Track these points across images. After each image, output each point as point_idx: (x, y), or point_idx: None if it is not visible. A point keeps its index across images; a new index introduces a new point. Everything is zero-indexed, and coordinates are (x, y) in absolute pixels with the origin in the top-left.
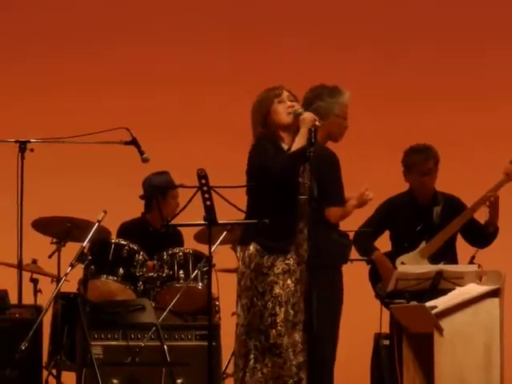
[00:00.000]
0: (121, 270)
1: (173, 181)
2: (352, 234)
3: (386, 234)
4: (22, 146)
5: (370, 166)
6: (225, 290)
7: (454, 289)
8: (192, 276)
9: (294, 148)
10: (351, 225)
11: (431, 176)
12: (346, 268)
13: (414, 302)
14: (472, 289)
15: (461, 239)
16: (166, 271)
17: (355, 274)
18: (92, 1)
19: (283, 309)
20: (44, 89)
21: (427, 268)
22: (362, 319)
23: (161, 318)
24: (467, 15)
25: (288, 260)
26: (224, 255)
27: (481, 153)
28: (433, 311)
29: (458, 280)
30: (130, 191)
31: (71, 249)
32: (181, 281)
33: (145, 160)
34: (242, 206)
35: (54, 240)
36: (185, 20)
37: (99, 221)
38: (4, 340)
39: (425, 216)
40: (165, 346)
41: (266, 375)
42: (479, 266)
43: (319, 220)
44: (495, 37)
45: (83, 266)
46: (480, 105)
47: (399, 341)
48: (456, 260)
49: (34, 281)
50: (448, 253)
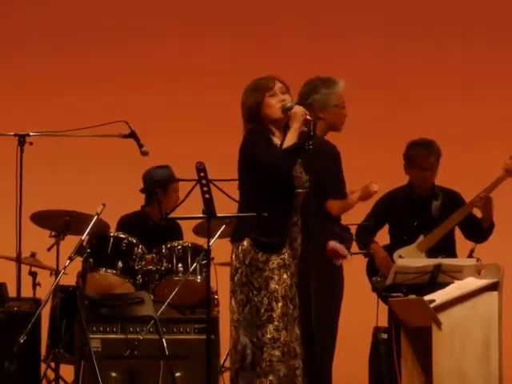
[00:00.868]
0: (120, 264)
1: (174, 174)
2: (354, 228)
3: (386, 228)
4: (21, 140)
5: (370, 159)
6: (223, 284)
7: (453, 282)
8: (191, 269)
9: (287, 144)
10: (354, 218)
11: (432, 171)
12: (345, 261)
13: (413, 296)
14: (471, 282)
15: (460, 233)
16: (165, 264)
17: (354, 268)
18: None
19: (280, 304)
20: (43, 83)
21: (426, 261)
22: (361, 313)
23: (159, 312)
24: (469, 7)
25: (283, 254)
26: (223, 248)
27: (481, 146)
28: (431, 305)
29: (457, 274)
30: (130, 184)
31: (70, 242)
32: (179, 274)
33: (144, 153)
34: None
35: (53, 233)
36: (184, 15)
37: (98, 214)
38: (2, 333)
39: (423, 210)
40: (163, 340)
41: (264, 369)
42: (478, 260)
43: (320, 213)
44: (498, 28)
45: (82, 259)
46: (481, 97)
47: (397, 335)
48: (455, 253)
49: (33, 274)
50: (446, 246)
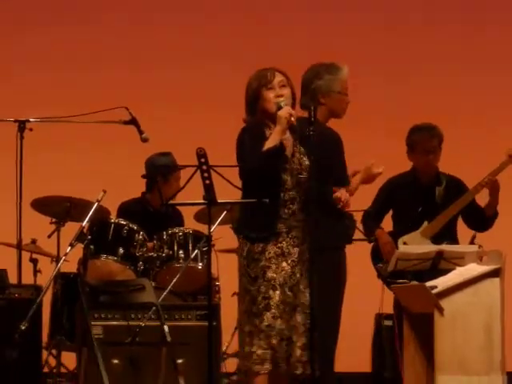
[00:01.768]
0: (120, 250)
1: (175, 162)
2: (356, 215)
3: (389, 215)
4: (21, 126)
5: (372, 143)
6: (224, 270)
7: (455, 269)
8: (192, 256)
9: (267, 146)
10: (357, 205)
11: (435, 154)
12: (349, 248)
13: (415, 282)
14: (472, 269)
15: (461, 220)
16: (166, 251)
17: (358, 254)
18: None
19: (278, 291)
20: (42, 67)
21: (427, 248)
22: (365, 300)
23: (161, 298)
24: None
25: (280, 243)
26: (224, 235)
27: (485, 130)
28: (433, 291)
29: (459, 260)
30: (131, 171)
31: (71, 229)
32: (180, 261)
33: (144, 140)
34: None
35: (54, 220)
36: None
37: (98, 200)
38: (3, 320)
39: (427, 196)
40: (165, 326)
41: (261, 356)
42: (480, 247)
43: (323, 200)
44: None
45: (83, 246)
46: (485, 77)
47: (401, 321)
48: (456, 240)
49: (34, 261)
50: (449, 233)
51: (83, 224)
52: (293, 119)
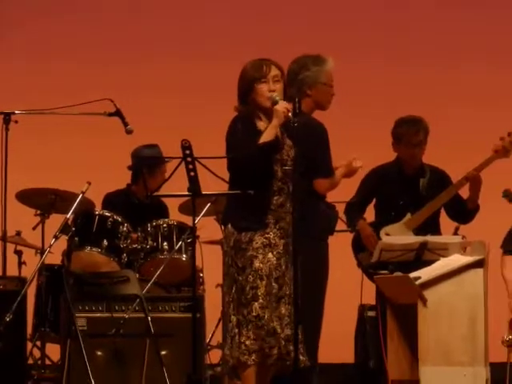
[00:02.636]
0: (105, 242)
1: (162, 154)
2: (339, 206)
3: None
4: (7, 118)
5: (357, 130)
6: (209, 262)
7: (439, 260)
8: (176, 247)
9: (263, 139)
10: (339, 196)
11: (420, 148)
12: (331, 239)
13: (398, 273)
14: (456, 259)
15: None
16: (150, 243)
17: (340, 245)
18: None
19: (264, 282)
20: (27, 59)
21: (412, 239)
22: (347, 290)
23: (145, 290)
24: None
25: (268, 234)
26: (208, 227)
27: (472, 124)
28: (417, 282)
29: (443, 251)
30: (116, 162)
31: (55, 221)
32: (165, 252)
33: (128, 131)
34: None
35: (38, 212)
36: None
37: (83, 192)
38: None
39: (411, 187)
40: (149, 318)
41: (249, 347)
42: (463, 237)
43: (307, 191)
44: None
45: (67, 238)
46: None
47: (384, 312)
48: (439, 232)
49: (18, 253)
50: (432, 225)
51: (68, 216)
52: (290, 114)
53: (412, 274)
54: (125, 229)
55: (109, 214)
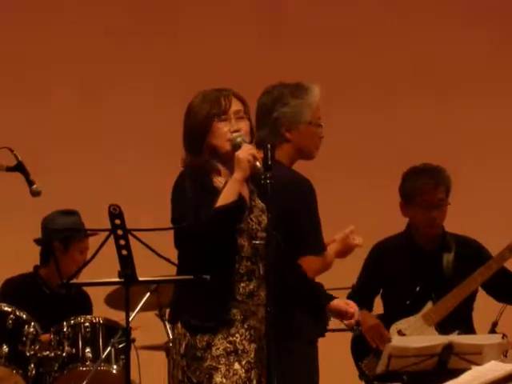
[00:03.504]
0: (5, 348)
1: (83, 225)
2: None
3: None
4: None
5: (352, 192)
6: (149, 375)
7: (470, 369)
8: (103, 356)
9: (222, 202)
10: (333, 281)
11: (441, 210)
12: (322, 340)
13: None
14: (494, 368)
15: (479, 299)
16: (68, 349)
17: (334, 349)
18: None
19: None
20: None
21: (432, 340)
22: None
23: None
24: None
25: (232, 336)
26: (147, 326)
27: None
28: None
29: (475, 356)
30: (19, 236)
31: None
32: (88, 362)
33: (35, 193)
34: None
35: None
36: None
37: None
38: None
39: (431, 266)
40: None
41: None
42: (504, 337)
43: (288, 275)
44: None
45: None
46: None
47: None
48: (472, 328)
49: None
50: (462, 318)
51: None
52: (258, 163)
53: None
54: (32, 329)
55: (9, 309)
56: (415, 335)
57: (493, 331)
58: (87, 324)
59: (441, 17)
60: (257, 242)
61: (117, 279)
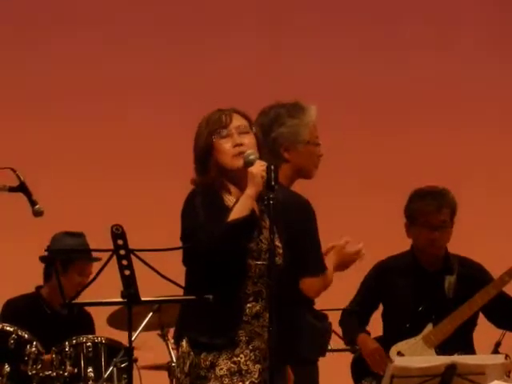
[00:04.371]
0: (7, 367)
1: (86, 247)
2: (332, 315)
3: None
4: None
5: (354, 213)
6: None
7: None
8: (105, 375)
9: (234, 216)
10: (332, 301)
11: (444, 231)
12: (323, 360)
13: None
14: None
15: (482, 319)
16: (70, 368)
17: (334, 369)
18: None
19: None
20: None
21: (435, 360)
22: None
23: None
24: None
25: (237, 357)
26: (151, 345)
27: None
28: None
29: (478, 376)
30: (22, 257)
31: None
32: (90, 382)
33: (37, 213)
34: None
35: None
36: None
37: None
38: None
39: (433, 287)
40: None
41: None
42: (507, 357)
43: (288, 296)
44: None
45: None
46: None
47: None
48: (473, 349)
49: None
50: (463, 340)
51: None
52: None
53: None
54: (33, 349)
55: (11, 329)
56: (416, 357)
57: (496, 351)
58: (89, 344)
59: (450, 43)
60: (259, 263)
61: (119, 299)
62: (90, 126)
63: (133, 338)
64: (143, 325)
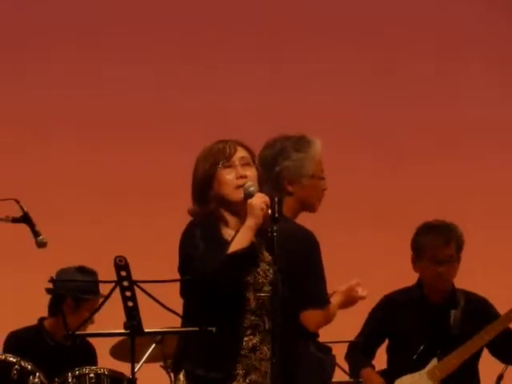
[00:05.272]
0: None
1: (97, 287)
2: (337, 348)
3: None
4: None
5: (359, 247)
6: None
7: None
8: None
9: (234, 248)
10: (337, 334)
11: (451, 266)
12: None
13: None
14: None
15: (485, 352)
16: None
17: None
18: None
19: None
20: None
21: None
22: None
23: None
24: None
25: None
26: (152, 377)
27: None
28: None
29: None
30: (27, 285)
31: None
32: None
33: (40, 244)
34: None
35: None
36: None
37: None
38: None
39: (438, 322)
40: None
41: None
42: None
43: (291, 328)
44: None
45: None
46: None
47: None
48: (478, 379)
49: None
50: (468, 374)
51: None
52: (270, 210)
53: None
54: (36, 380)
55: (14, 360)
56: None
57: None
58: (92, 375)
59: (456, 77)
60: (262, 295)
61: (122, 331)
62: (92, 158)
63: (135, 370)
64: (146, 356)
